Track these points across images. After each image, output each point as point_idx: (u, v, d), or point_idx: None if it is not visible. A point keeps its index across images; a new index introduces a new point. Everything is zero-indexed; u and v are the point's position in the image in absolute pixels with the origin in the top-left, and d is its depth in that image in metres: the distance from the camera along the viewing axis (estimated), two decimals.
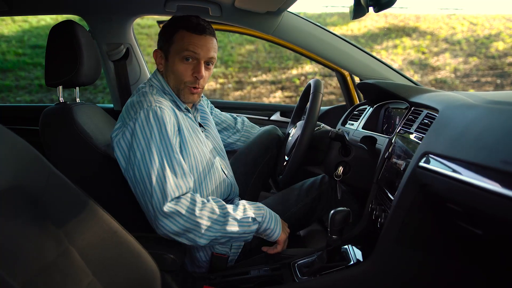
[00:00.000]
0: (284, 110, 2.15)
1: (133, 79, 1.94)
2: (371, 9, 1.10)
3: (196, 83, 1.23)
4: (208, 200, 1.12)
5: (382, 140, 1.34)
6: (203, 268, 1.27)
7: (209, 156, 1.30)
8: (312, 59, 1.89)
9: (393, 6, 1.04)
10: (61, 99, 1.29)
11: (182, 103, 1.27)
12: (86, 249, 0.81)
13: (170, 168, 1.08)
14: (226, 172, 1.37)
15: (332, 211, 1.07)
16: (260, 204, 1.20)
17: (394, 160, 1.10)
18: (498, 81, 6.40)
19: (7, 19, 6.56)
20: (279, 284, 1.10)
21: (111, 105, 2.07)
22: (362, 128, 1.59)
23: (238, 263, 1.28)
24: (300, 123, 1.46)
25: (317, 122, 1.38)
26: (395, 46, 7.21)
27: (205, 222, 1.07)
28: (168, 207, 1.04)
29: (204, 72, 1.23)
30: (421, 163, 0.86)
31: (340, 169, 1.35)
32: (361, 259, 1.07)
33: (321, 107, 2.08)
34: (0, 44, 6.49)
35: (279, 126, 2.03)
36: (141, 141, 1.09)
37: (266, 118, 2.12)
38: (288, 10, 1.71)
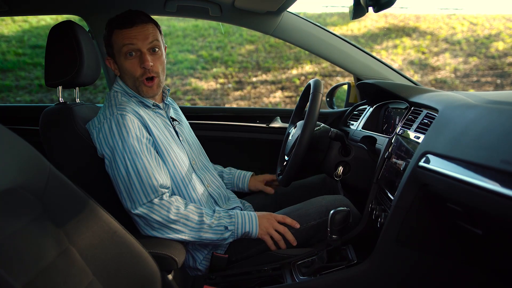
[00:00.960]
0: (284, 115, 2.08)
1: None
2: (370, 9, 1.10)
3: (147, 74, 1.23)
4: (186, 205, 1.17)
5: (382, 140, 1.34)
6: (203, 268, 1.27)
7: (181, 153, 1.31)
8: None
9: (393, 6, 1.04)
10: (61, 99, 1.29)
11: (147, 100, 1.29)
12: (86, 249, 0.82)
13: (135, 174, 1.12)
14: (202, 177, 1.38)
15: (332, 211, 1.07)
16: (232, 213, 1.24)
17: (394, 160, 1.10)
18: (498, 81, 6.40)
19: (7, 19, 6.55)
20: (279, 284, 1.10)
21: None
22: (362, 128, 1.59)
23: (238, 262, 1.28)
24: (300, 123, 1.46)
25: (317, 122, 1.38)
26: (395, 46, 7.21)
27: (179, 228, 1.13)
28: (139, 211, 1.12)
29: (151, 60, 1.22)
30: (421, 163, 0.86)
31: (340, 169, 1.35)
32: (361, 259, 1.07)
33: (339, 109, 2.08)
34: (0, 44, 6.49)
35: (281, 133, 2.00)
36: (106, 150, 1.15)
37: (265, 125, 2.05)
38: (288, 10, 1.71)
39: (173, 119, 1.40)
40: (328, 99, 2.19)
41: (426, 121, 1.06)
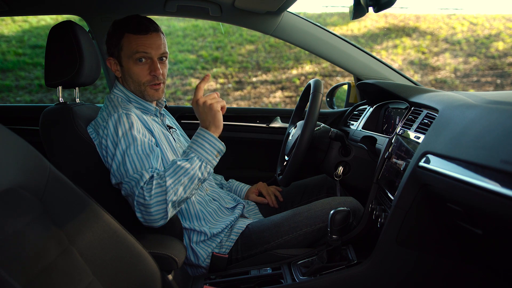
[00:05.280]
0: (284, 115, 2.09)
1: None
2: (371, 9, 1.10)
3: (155, 80, 1.26)
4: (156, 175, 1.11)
5: (382, 140, 1.34)
6: (203, 268, 1.27)
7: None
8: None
9: (393, 6, 1.05)
10: (61, 99, 1.29)
11: (150, 104, 1.31)
12: (87, 249, 0.82)
13: (138, 164, 1.10)
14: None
15: (332, 211, 1.07)
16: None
17: (394, 160, 1.10)
18: (498, 81, 6.40)
19: (7, 19, 6.55)
20: (279, 284, 1.10)
21: None
22: (362, 128, 1.59)
23: (238, 262, 1.28)
24: (300, 123, 1.46)
25: (317, 122, 1.38)
26: (395, 46, 7.21)
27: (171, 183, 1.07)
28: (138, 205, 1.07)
29: (160, 68, 1.26)
30: (421, 163, 0.86)
31: (340, 169, 1.35)
32: (361, 259, 1.07)
33: (339, 109, 2.08)
34: (0, 44, 6.49)
35: (281, 133, 2.00)
36: (111, 146, 1.14)
37: (265, 125, 2.05)
38: (288, 10, 1.71)
39: (170, 127, 1.42)
40: (328, 99, 2.19)
41: (426, 121, 1.06)
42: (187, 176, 1.08)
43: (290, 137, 1.51)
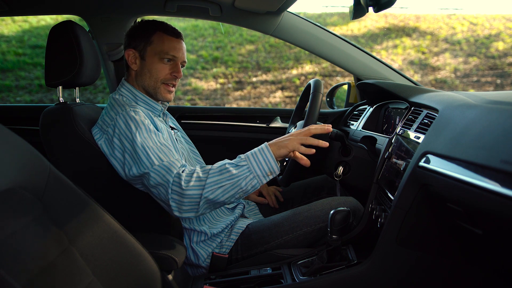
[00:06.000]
0: (284, 115, 2.09)
1: None
2: (371, 9, 1.10)
3: (173, 81, 1.31)
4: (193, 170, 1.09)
5: (382, 140, 1.34)
6: (203, 268, 1.28)
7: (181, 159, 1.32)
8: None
9: (393, 6, 1.05)
10: (61, 99, 1.29)
11: (156, 103, 1.32)
12: (87, 249, 0.82)
13: (161, 155, 1.10)
14: None
15: (332, 211, 1.07)
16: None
17: (394, 160, 1.10)
18: (498, 81, 6.40)
19: (7, 19, 6.56)
20: (279, 284, 1.10)
21: None
22: (362, 128, 1.59)
23: (238, 262, 1.28)
24: (300, 123, 1.46)
25: (317, 122, 1.38)
26: (395, 46, 7.21)
27: (211, 181, 1.04)
28: (172, 193, 1.05)
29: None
30: (421, 163, 0.86)
31: (340, 169, 1.35)
32: (361, 259, 1.07)
33: (339, 109, 2.08)
34: (0, 44, 6.49)
35: (281, 133, 2.00)
36: (126, 144, 1.13)
37: (265, 125, 2.05)
38: (288, 10, 1.71)
39: (172, 128, 1.43)
40: (328, 99, 2.19)
41: (426, 121, 1.06)
42: (230, 181, 1.04)
43: None
